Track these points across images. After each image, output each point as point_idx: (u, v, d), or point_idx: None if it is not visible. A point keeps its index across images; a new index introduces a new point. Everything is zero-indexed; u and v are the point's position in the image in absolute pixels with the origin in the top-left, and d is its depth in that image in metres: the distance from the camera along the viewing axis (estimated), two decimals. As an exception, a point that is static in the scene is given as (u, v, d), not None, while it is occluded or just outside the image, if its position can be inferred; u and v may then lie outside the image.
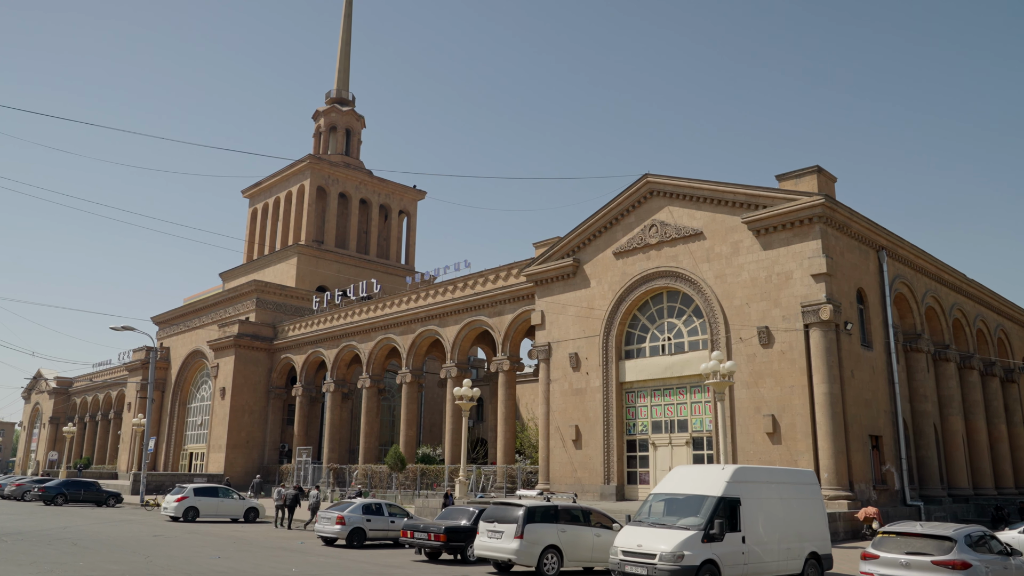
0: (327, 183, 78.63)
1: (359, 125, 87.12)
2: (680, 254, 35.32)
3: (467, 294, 48.23)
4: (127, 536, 25.21)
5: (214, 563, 18.24)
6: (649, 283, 36.35)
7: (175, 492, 34.00)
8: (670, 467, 34.74)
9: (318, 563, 19.29)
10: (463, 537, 20.40)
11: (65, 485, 44.82)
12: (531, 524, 17.76)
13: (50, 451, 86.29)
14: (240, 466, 61.61)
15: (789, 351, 31.05)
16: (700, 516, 15.19)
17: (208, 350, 67.66)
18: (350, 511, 24.41)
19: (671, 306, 36.27)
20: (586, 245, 39.45)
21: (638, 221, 37.28)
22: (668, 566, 14.50)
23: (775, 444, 30.85)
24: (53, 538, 23.34)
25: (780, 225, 31.88)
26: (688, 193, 35.23)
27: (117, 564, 17.22)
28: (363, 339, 56.08)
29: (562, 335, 39.74)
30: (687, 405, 35.09)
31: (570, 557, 18.16)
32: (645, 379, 36.47)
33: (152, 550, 20.83)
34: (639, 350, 37.14)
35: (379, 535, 24.83)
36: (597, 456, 36.87)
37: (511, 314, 45.24)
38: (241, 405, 62.50)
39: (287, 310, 67.48)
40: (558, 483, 38.17)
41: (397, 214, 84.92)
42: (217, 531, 28.76)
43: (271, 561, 19.31)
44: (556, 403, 39.29)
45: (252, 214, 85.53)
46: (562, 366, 39.39)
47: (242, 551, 21.56)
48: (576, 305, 39.39)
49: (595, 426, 37.26)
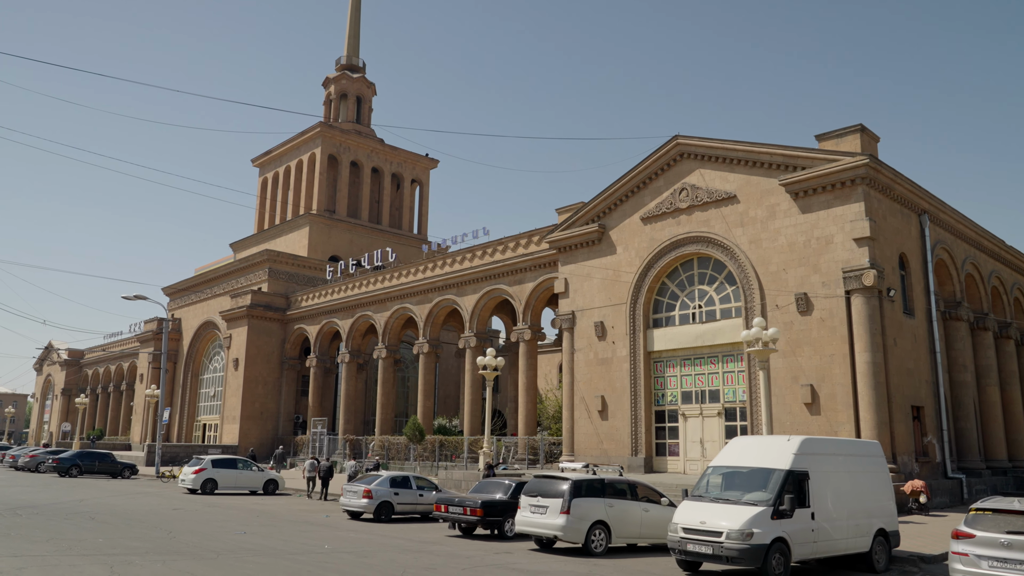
0: (338, 151, 77.14)
1: (370, 92, 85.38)
2: (712, 219, 33.94)
3: (486, 262, 46.98)
4: (146, 509, 24.31)
5: (241, 539, 17.25)
6: (679, 249, 35.02)
7: (192, 464, 33.14)
8: (701, 439, 33.78)
9: (348, 539, 18.30)
10: (500, 512, 19.37)
11: (79, 457, 44.12)
12: (578, 499, 16.66)
13: (63, 422, 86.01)
14: (254, 437, 60.98)
15: (829, 319, 29.76)
16: (768, 491, 14.04)
17: (220, 321, 66.77)
18: (377, 484, 23.39)
19: (702, 273, 34.96)
20: (612, 210, 38.07)
21: (667, 185, 35.86)
22: (736, 544, 13.39)
23: (813, 415, 29.68)
24: (70, 512, 22.43)
25: (820, 187, 30.43)
26: (721, 155, 33.76)
27: (139, 540, 16.24)
28: (378, 309, 55.01)
29: (587, 303, 38.52)
30: (719, 375, 33.90)
31: (618, 533, 17.09)
32: (674, 348, 35.28)
33: (173, 525, 19.88)
34: (668, 318, 35.91)
35: (407, 509, 23.84)
36: (624, 427, 35.82)
37: (532, 282, 44.01)
38: (255, 376, 61.69)
39: (299, 280, 66.43)
40: (583, 455, 37.20)
41: (409, 183, 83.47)
42: (238, 504, 27.87)
43: (300, 537, 18.32)
44: (581, 373, 38.18)
45: (262, 183, 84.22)
46: (587, 335, 38.22)
47: (267, 526, 20.60)
48: (601, 272, 38.12)
49: (622, 396, 36.17)
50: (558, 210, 41.51)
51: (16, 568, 12.13)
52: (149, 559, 13.68)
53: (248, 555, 14.63)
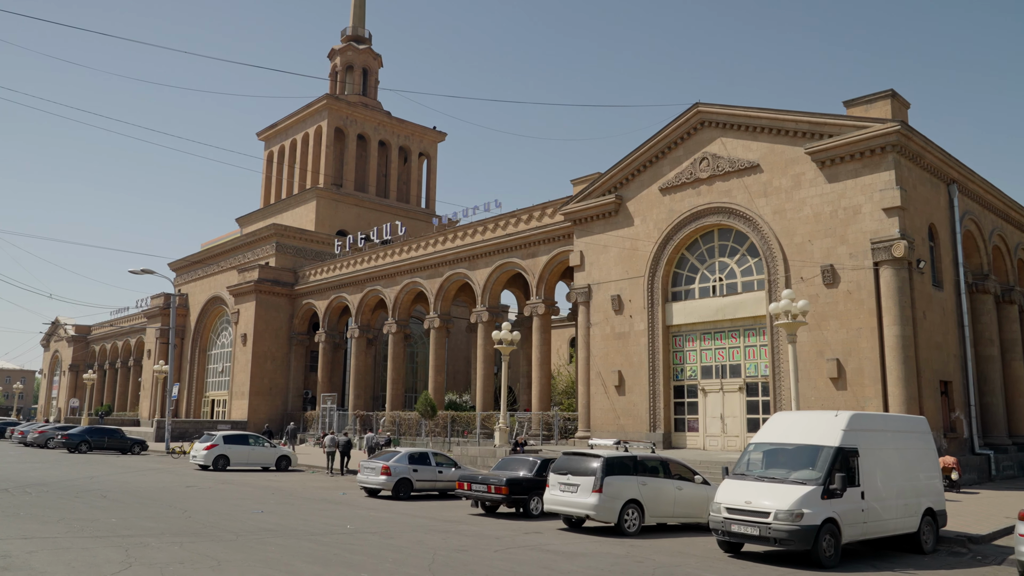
0: (345, 124, 75.96)
1: (376, 64, 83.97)
2: (734, 189, 32.98)
3: (498, 235, 46.09)
4: (158, 487, 23.72)
5: (259, 518, 16.59)
6: (699, 220, 34.10)
7: (204, 440, 32.55)
8: (721, 414, 33.08)
9: (370, 518, 17.65)
10: (525, 490, 18.69)
11: (89, 432, 43.64)
12: (610, 477, 15.93)
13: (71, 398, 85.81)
14: (263, 413, 60.54)
15: (856, 291, 28.89)
16: (816, 469, 13.28)
17: (228, 296, 66.11)
18: (396, 460, 22.71)
19: (723, 245, 34.06)
20: (629, 181, 37.11)
21: (687, 154, 34.87)
22: (785, 526, 12.65)
23: (839, 390, 28.92)
24: (80, 489, 21.84)
25: (849, 155, 29.42)
26: (744, 123, 32.73)
27: (154, 520, 15.58)
28: (388, 283, 54.24)
29: (603, 276, 37.68)
30: (740, 349, 33.12)
31: (651, 512, 16.38)
32: (694, 322, 34.49)
33: (188, 503, 19.26)
34: (687, 292, 35.08)
35: (426, 486, 23.17)
36: (642, 402, 35.14)
37: (546, 256, 43.14)
38: (263, 352, 61.12)
39: (307, 255, 65.63)
40: (599, 430, 36.57)
41: (417, 156, 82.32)
42: (251, 481, 27.29)
43: (320, 516, 17.67)
44: (597, 347, 37.44)
45: (268, 157, 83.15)
46: (603, 309, 37.43)
47: (283, 504, 19.97)
48: (618, 245, 37.25)
49: (639, 371, 35.45)
50: (573, 181, 40.58)
51: (26, 552, 11.45)
52: (165, 541, 13.00)
53: (268, 536, 13.96)
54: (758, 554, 14.14)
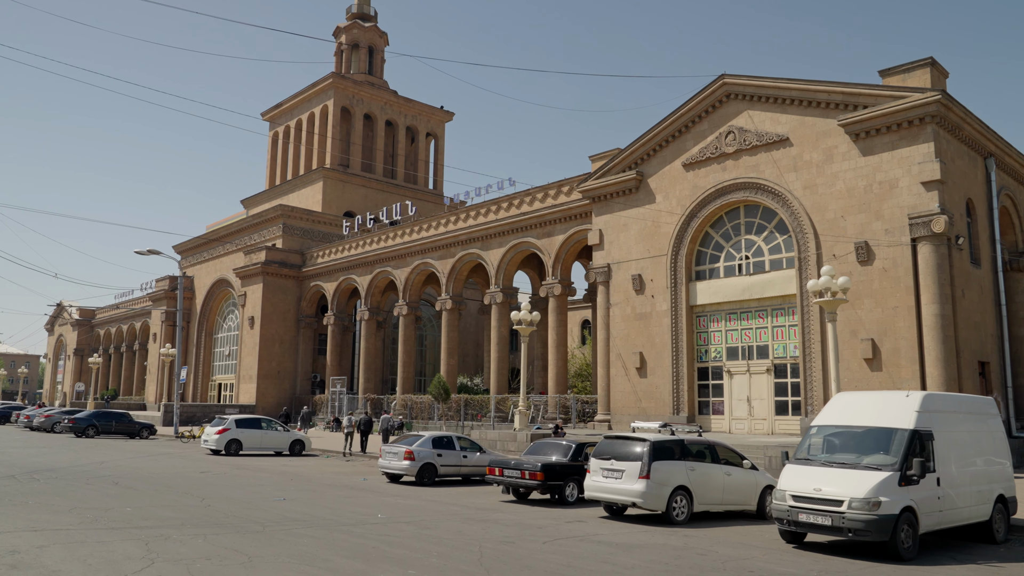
0: (351, 103, 74.59)
1: (382, 42, 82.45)
2: (762, 163, 31.80)
3: (512, 214, 44.93)
4: (171, 472, 22.77)
5: (282, 507, 15.61)
6: (724, 197, 32.95)
7: (215, 424, 31.61)
8: (748, 396, 32.08)
9: (399, 506, 16.67)
10: (560, 475, 17.68)
11: (96, 417, 42.77)
12: (657, 462, 14.89)
13: (76, 382, 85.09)
14: (272, 397, 59.70)
15: (892, 268, 27.78)
16: (891, 454, 12.25)
17: (234, 278, 65.11)
18: (419, 445, 21.70)
19: (749, 222, 32.92)
20: (651, 156, 35.93)
21: (712, 128, 33.67)
22: (861, 515, 11.62)
23: (874, 371, 27.88)
24: (91, 476, 20.89)
25: (885, 127, 28.21)
26: (772, 95, 31.50)
27: (172, 510, 14.59)
28: (398, 264, 53.16)
29: (623, 255, 36.58)
30: (767, 329, 32.06)
31: (699, 500, 15.37)
32: (719, 302, 33.42)
33: (204, 490, 18.29)
34: (712, 270, 33.98)
35: (450, 471, 22.17)
36: (665, 385, 34.14)
37: (562, 235, 42.00)
38: (271, 335, 60.18)
39: (314, 236, 64.53)
40: (620, 413, 35.62)
41: (424, 136, 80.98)
42: (266, 466, 26.35)
43: (346, 504, 16.68)
44: (617, 328, 36.40)
45: (273, 137, 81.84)
46: (624, 289, 36.35)
47: (305, 491, 19.00)
48: (639, 223, 36.11)
49: (662, 353, 34.43)
50: (591, 157, 39.38)
51: (37, 546, 10.45)
52: (187, 533, 12.00)
53: (296, 527, 12.96)
54: (823, 544, 13.14)
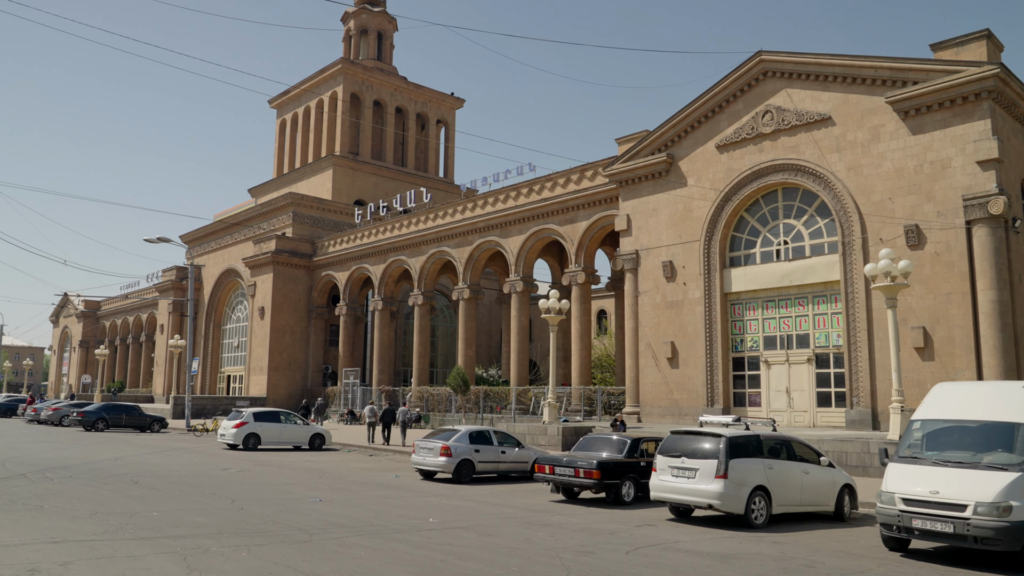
0: (361, 89, 73.02)
1: (391, 28, 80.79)
2: (802, 144, 30.36)
3: (533, 200, 43.50)
4: (192, 470, 21.47)
5: (322, 511, 14.28)
6: (761, 179, 31.54)
7: (232, 417, 30.32)
8: (787, 388, 30.72)
9: (447, 507, 15.35)
10: (617, 473, 16.34)
11: (106, 410, 41.50)
12: (735, 460, 13.55)
13: (83, 375, 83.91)
14: (283, 389, 58.44)
15: (945, 252, 26.38)
16: (1017, 452, 10.88)
17: (243, 268, 63.75)
18: (456, 440, 20.36)
19: (788, 205, 31.50)
20: (682, 138, 34.49)
21: (747, 108, 32.22)
22: (990, 522, 10.26)
23: (926, 360, 26.52)
24: (108, 474, 19.58)
25: (937, 104, 26.76)
26: (813, 72, 30.05)
27: (203, 514, 13.26)
28: (413, 253, 51.77)
29: (652, 242, 35.18)
30: (808, 318, 30.67)
31: (778, 500, 14.01)
32: (756, 289, 32.05)
33: (231, 490, 16.98)
34: (747, 256, 32.58)
35: (488, 468, 20.83)
36: (698, 376, 32.80)
37: (586, 221, 40.55)
38: (281, 325, 58.85)
39: (325, 225, 63.11)
40: (650, 406, 34.32)
41: (435, 123, 79.40)
42: (290, 462, 25.05)
43: (389, 506, 15.34)
44: (647, 317, 35.05)
45: (280, 125, 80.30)
46: (653, 276, 34.98)
47: (339, 490, 17.69)
48: (670, 207, 34.71)
49: (695, 342, 33.08)
50: (618, 140, 37.92)
51: (59, 563, 9.05)
52: (227, 544, 10.65)
53: (345, 535, 11.63)
54: (930, 552, 11.80)
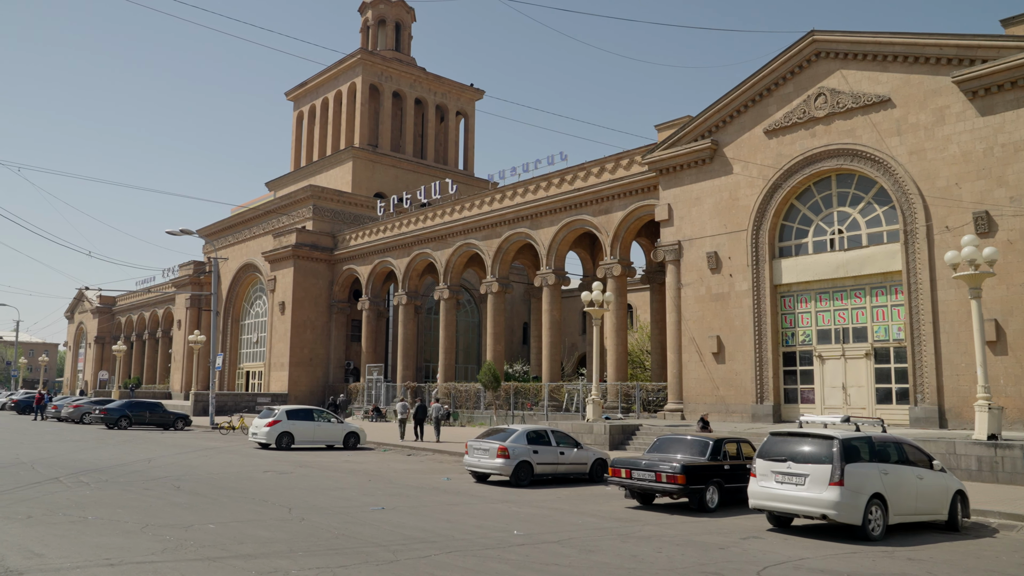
0: (380, 80, 71.76)
1: (409, 18, 79.50)
2: (858, 128, 28.90)
3: (565, 191, 42.15)
4: (232, 472, 20.26)
5: (388, 520, 13.01)
6: (814, 165, 30.11)
7: (264, 415, 29.15)
8: (843, 384, 29.32)
9: (517, 515, 14.09)
10: (702, 478, 15.03)
11: (129, 407, 40.45)
12: (850, 464, 12.22)
13: (100, 371, 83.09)
14: (304, 385, 57.34)
15: (1019, 240, 24.93)
16: None
17: (262, 262, 62.69)
18: (513, 440, 19.07)
19: (843, 192, 30.05)
20: (727, 124, 33.09)
21: (798, 91, 30.79)
22: None
23: (998, 355, 25.09)
24: (145, 477, 18.40)
25: (1008, 83, 25.27)
26: (871, 51, 28.58)
27: (264, 527, 12.00)
28: (439, 246, 50.52)
29: (696, 232, 33.81)
30: (866, 310, 29.24)
31: (895, 509, 12.63)
32: (808, 280, 30.63)
33: (282, 496, 15.75)
34: (799, 246, 31.16)
35: (546, 470, 19.52)
36: (746, 371, 31.44)
37: (621, 211, 39.18)
38: (302, 320, 57.74)
39: (345, 218, 61.94)
40: (694, 403, 32.99)
41: (454, 115, 78.09)
42: (329, 462, 23.83)
43: (458, 515, 14.05)
44: (690, 311, 33.70)
45: (298, 117, 79.15)
46: (697, 268, 33.62)
47: (394, 495, 16.44)
48: (714, 196, 33.32)
49: (742, 337, 31.72)
50: (658, 127, 36.53)
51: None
52: (304, 565, 9.33)
53: (433, 552, 10.31)
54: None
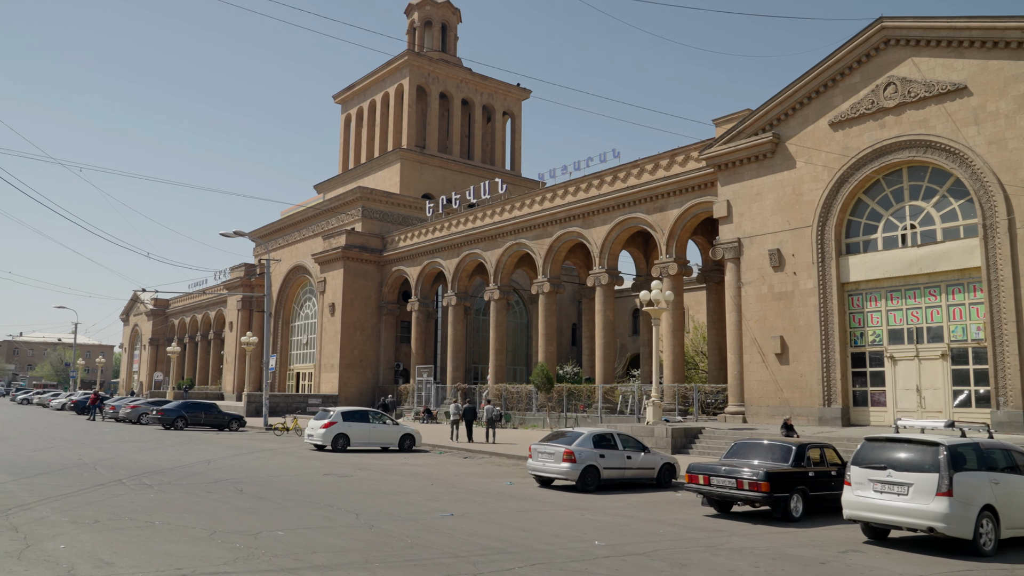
0: (427, 82, 71.69)
1: (455, 19, 79.33)
2: (931, 117, 27.59)
3: (618, 188, 41.32)
4: (292, 475, 19.98)
5: (463, 528, 12.46)
6: (883, 158, 28.86)
7: (320, 417, 28.96)
8: (918, 386, 28.00)
9: (592, 523, 13.44)
10: (787, 485, 14.19)
11: (185, 408, 40.79)
12: (959, 473, 11.30)
13: (155, 372, 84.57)
14: (354, 386, 57.39)
15: (1112, 234, 23.45)
16: None
17: (312, 264, 63.02)
18: (579, 444, 18.40)
19: (915, 185, 28.74)
20: (789, 116, 31.97)
21: (866, 81, 29.57)
22: None
23: (1089, 355, 23.62)
24: (207, 480, 18.19)
25: (1098, 66, 23.81)
26: (945, 37, 27.27)
27: (334, 534, 11.55)
28: (489, 246, 50.06)
29: (756, 229, 32.75)
30: (941, 309, 27.89)
31: (1006, 522, 11.63)
32: (877, 278, 29.38)
33: (347, 501, 15.34)
34: (867, 243, 29.92)
35: (613, 475, 18.81)
36: (812, 373, 30.28)
37: (677, 209, 38.21)
38: (352, 322, 57.80)
39: (394, 219, 61.91)
40: (756, 405, 31.92)
41: (500, 115, 77.70)
42: (387, 465, 23.46)
43: (531, 522, 13.45)
44: (751, 310, 32.64)
45: (345, 120, 79.56)
46: (758, 266, 32.55)
47: (460, 500, 15.92)
48: (776, 191, 32.22)
49: (807, 337, 30.57)
50: (715, 121, 35.52)
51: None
52: None
53: (516, 565, 9.65)
54: None
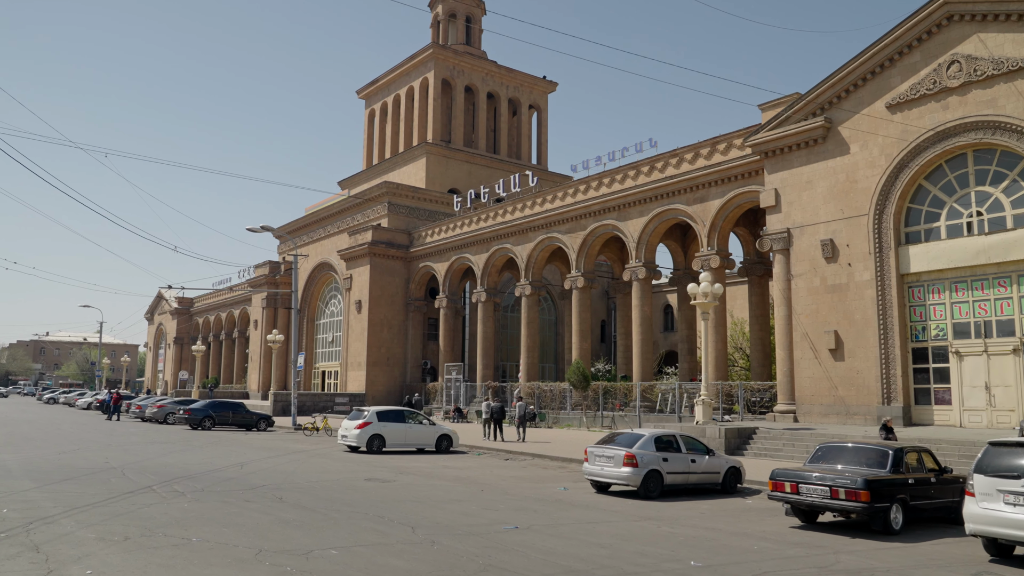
0: (452, 75, 70.48)
1: (479, 12, 78.05)
2: (1000, 97, 25.89)
3: (655, 179, 39.84)
4: (330, 480, 18.78)
5: (536, 545, 11.13)
6: (946, 141, 27.19)
7: (354, 416, 27.78)
8: (986, 383, 26.31)
9: (671, 536, 12.11)
10: (885, 495, 12.75)
11: (212, 407, 39.83)
12: (1109, 485, 9.85)
13: (180, 371, 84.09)
14: (381, 385, 56.32)
15: None
16: None
17: (337, 261, 62.03)
18: (640, 447, 17.01)
19: (982, 170, 27.04)
20: (841, 99, 30.35)
21: (926, 60, 27.89)
22: None
23: None
24: (242, 486, 17.02)
25: None
26: (1015, 10, 25.57)
27: (392, 553, 10.27)
28: (519, 241, 48.75)
29: (807, 218, 31.16)
30: (1012, 301, 26.20)
31: None
32: (941, 269, 27.72)
33: (396, 510, 14.07)
34: (929, 231, 28.25)
35: (677, 480, 17.40)
36: (869, 369, 28.68)
37: (718, 199, 36.69)
38: (379, 319, 56.73)
39: (420, 215, 60.76)
40: (808, 404, 30.37)
41: (526, 108, 76.35)
42: (427, 468, 22.21)
43: (607, 536, 12.09)
44: (802, 304, 31.07)
45: (369, 115, 78.59)
46: (809, 257, 30.97)
47: (518, 509, 14.62)
48: (828, 179, 30.61)
49: (864, 331, 28.96)
50: (761, 106, 33.95)
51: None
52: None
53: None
54: None
